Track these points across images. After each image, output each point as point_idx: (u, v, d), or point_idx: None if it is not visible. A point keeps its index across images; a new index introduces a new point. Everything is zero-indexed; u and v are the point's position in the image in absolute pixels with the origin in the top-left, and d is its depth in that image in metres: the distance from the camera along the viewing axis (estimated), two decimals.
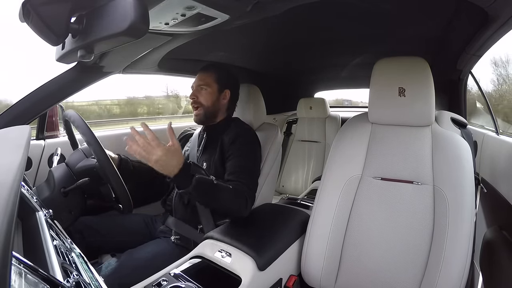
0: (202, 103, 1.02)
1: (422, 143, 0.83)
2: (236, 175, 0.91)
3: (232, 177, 0.91)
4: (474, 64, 1.25)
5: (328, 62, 1.68)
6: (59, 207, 0.79)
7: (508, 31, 0.85)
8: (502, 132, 1.13)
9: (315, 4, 0.72)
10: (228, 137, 0.98)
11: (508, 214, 0.89)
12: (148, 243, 0.95)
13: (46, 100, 0.97)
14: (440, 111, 0.93)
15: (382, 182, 0.84)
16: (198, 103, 1.02)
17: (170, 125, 0.76)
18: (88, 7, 0.49)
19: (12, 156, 0.39)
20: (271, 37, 1.18)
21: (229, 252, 0.75)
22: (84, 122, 0.83)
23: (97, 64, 0.99)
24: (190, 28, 0.77)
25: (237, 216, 0.89)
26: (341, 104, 3.18)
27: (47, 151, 1.12)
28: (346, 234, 0.84)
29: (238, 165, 0.93)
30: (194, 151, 1.06)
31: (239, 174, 0.91)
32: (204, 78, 1.04)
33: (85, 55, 0.50)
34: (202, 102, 1.02)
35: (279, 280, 0.79)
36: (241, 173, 0.91)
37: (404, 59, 0.86)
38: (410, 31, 1.08)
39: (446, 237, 0.72)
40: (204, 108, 1.02)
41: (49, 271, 0.34)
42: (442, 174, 0.77)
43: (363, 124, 0.92)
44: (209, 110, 1.03)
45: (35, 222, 0.46)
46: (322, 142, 1.94)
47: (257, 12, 0.71)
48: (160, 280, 0.67)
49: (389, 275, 0.77)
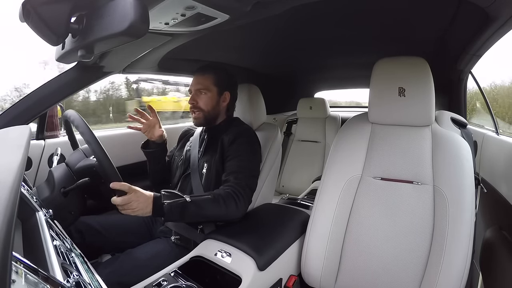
0: (202, 108, 1.01)
1: (422, 143, 0.83)
2: (234, 176, 0.91)
3: (228, 177, 0.91)
4: (474, 64, 1.25)
5: (328, 62, 1.68)
6: (59, 207, 0.79)
7: (508, 31, 0.85)
8: (502, 132, 1.13)
9: (315, 4, 0.72)
10: (228, 137, 0.98)
11: (508, 214, 0.89)
12: (148, 243, 0.95)
13: (46, 100, 0.97)
14: (440, 111, 0.93)
15: (382, 182, 0.84)
16: (198, 108, 1.01)
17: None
18: (88, 7, 0.49)
19: (12, 156, 0.39)
20: (271, 37, 1.18)
21: (229, 252, 0.75)
22: (84, 122, 0.83)
23: (97, 64, 0.99)
24: (190, 28, 0.77)
25: (231, 219, 0.89)
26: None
27: (47, 151, 1.12)
28: (346, 234, 0.84)
29: (236, 165, 0.93)
30: (195, 151, 1.06)
31: (237, 174, 0.91)
32: (202, 81, 1.02)
33: (85, 55, 0.50)
34: (202, 107, 1.01)
35: (279, 280, 0.79)
36: (238, 173, 0.91)
37: (404, 59, 0.86)
38: (410, 31, 1.07)
39: (446, 237, 0.72)
40: (204, 113, 1.01)
41: (49, 271, 0.34)
42: (442, 174, 0.77)
43: (363, 124, 0.92)
44: (210, 114, 1.02)
45: (35, 222, 0.46)
46: (322, 142, 1.94)
47: (257, 12, 0.71)
48: (160, 280, 0.68)
49: (389, 275, 0.77)
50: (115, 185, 0.73)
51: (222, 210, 0.83)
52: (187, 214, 0.80)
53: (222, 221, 0.93)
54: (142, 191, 0.77)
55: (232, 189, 0.87)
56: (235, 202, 0.85)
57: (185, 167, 1.06)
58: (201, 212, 0.82)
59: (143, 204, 0.75)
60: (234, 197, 0.86)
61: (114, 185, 0.73)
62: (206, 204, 0.82)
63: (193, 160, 1.04)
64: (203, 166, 1.00)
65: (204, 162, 1.01)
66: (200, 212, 0.81)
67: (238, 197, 0.86)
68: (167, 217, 0.78)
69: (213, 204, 0.83)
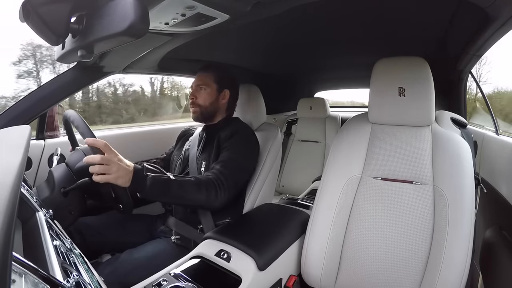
0: (200, 103, 1.03)
1: (422, 143, 0.83)
2: (221, 164, 0.91)
3: (215, 165, 0.91)
4: (474, 64, 1.25)
5: (328, 62, 1.68)
6: (59, 207, 0.79)
7: (508, 31, 0.85)
8: (502, 132, 1.13)
9: (315, 4, 0.72)
10: (225, 133, 0.99)
11: (508, 214, 0.89)
12: (148, 243, 0.95)
13: (46, 100, 0.97)
14: (440, 111, 0.93)
15: (382, 182, 0.84)
16: (197, 103, 1.03)
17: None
18: (88, 7, 0.49)
19: (12, 156, 0.39)
20: (271, 37, 1.18)
21: (229, 252, 0.75)
22: (84, 122, 0.83)
23: (97, 64, 0.99)
24: (190, 28, 0.77)
25: (208, 208, 0.89)
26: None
27: (47, 151, 1.12)
28: (346, 234, 0.84)
29: (226, 156, 0.93)
30: (194, 150, 1.06)
31: (224, 163, 0.91)
32: (203, 78, 1.05)
33: (85, 55, 0.50)
34: (200, 102, 1.03)
35: (279, 280, 0.79)
36: (226, 163, 0.91)
37: (404, 59, 0.86)
38: (410, 31, 1.07)
39: (446, 237, 0.72)
40: (201, 108, 1.03)
41: (49, 271, 0.34)
42: (442, 174, 0.77)
43: (363, 124, 0.92)
44: (207, 109, 1.04)
45: (35, 222, 0.46)
46: (322, 142, 1.94)
47: (257, 12, 0.71)
48: (160, 280, 0.67)
49: (389, 275, 0.77)
50: (89, 140, 0.70)
51: (202, 196, 0.82)
52: (168, 193, 0.77)
53: (199, 207, 0.93)
54: (122, 158, 0.73)
55: (214, 177, 0.86)
56: (215, 190, 0.84)
57: (183, 166, 1.07)
58: (182, 194, 0.79)
59: (122, 171, 0.70)
60: (216, 185, 0.85)
61: (88, 140, 0.70)
62: (188, 187, 0.80)
63: (192, 159, 1.04)
64: (201, 164, 1.00)
65: (202, 160, 1.01)
66: (181, 194, 0.79)
67: (219, 186, 0.86)
68: (147, 191, 0.73)
69: (195, 188, 0.81)
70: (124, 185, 0.72)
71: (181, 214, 1.01)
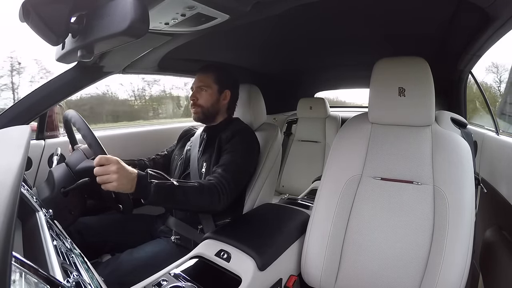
0: (202, 104, 1.03)
1: (422, 143, 0.83)
2: (222, 168, 0.91)
3: (216, 169, 0.91)
4: (474, 64, 1.25)
5: (328, 62, 1.68)
6: (59, 207, 0.79)
7: (508, 31, 0.85)
8: (502, 132, 1.13)
9: (315, 4, 0.72)
10: (226, 134, 0.99)
11: (508, 214, 0.89)
12: (148, 243, 0.95)
13: (46, 100, 0.97)
14: (440, 111, 0.93)
15: (382, 182, 0.84)
16: (198, 104, 1.03)
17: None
18: (88, 7, 0.49)
19: (12, 156, 0.39)
20: (271, 37, 1.18)
21: (229, 252, 0.75)
22: (84, 122, 0.83)
23: (97, 64, 0.99)
24: (190, 28, 0.77)
25: (211, 212, 0.90)
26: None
27: (47, 151, 1.12)
28: (346, 234, 0.84)
29: (227, 159, 0.93)
30: (195, 151, 1.06)
31: (225, 167, 0.91)
32: (203, 79, 1.04)
33: (85, 55, 0.50)
34: (202, 104, 1.03)
35: (279, 280, 0.79)
36: (227, 166, 0.91)
37: (404, 59, 0.86)
38: (410, 31, 1.07)
39: (446, 237, 0.72)
40: (203, 109, 1.03)
41: (49, 271, 0.34)
42: (442, 174, 0.77)
43: (363, 124, 0.92)
44: (209, 110, 1.04)
45: (35, 222, 0.46)
46: (322, 142, 1.94)
47: (257, 12, 0.71)
48: (160, 280, 0.67)
49: (389, 275, 0.77)
50: (102, 159, 0.69)
51: (205, 202, 0.82)
52: (172, 199, 0.77)
53: (202, 212, 0.93)
54: (125, 165, 0.72)
55: (217, 181, 0.86)
56: (218, 195, 0.85)
57: (184, 166, 1.06)
58: (186, 200, 0.79)
59: (125, 179, 0.69)
60: (218, 190, 0.85)
61: (101, 159, 0.69)
62: (192, 193, 0.80)
63: (193, 160, 1.04)
64: (202, 165, 1.00)
65: (203, 161, 1.01)
66: (185, 200, 0.79)
67: (222, 190, 0.86)
68: (151, 198, 0.73)
69: (198, 194, 0.81)
70: (128, 192, 0.71)
71: (181, 214, 1.01)
